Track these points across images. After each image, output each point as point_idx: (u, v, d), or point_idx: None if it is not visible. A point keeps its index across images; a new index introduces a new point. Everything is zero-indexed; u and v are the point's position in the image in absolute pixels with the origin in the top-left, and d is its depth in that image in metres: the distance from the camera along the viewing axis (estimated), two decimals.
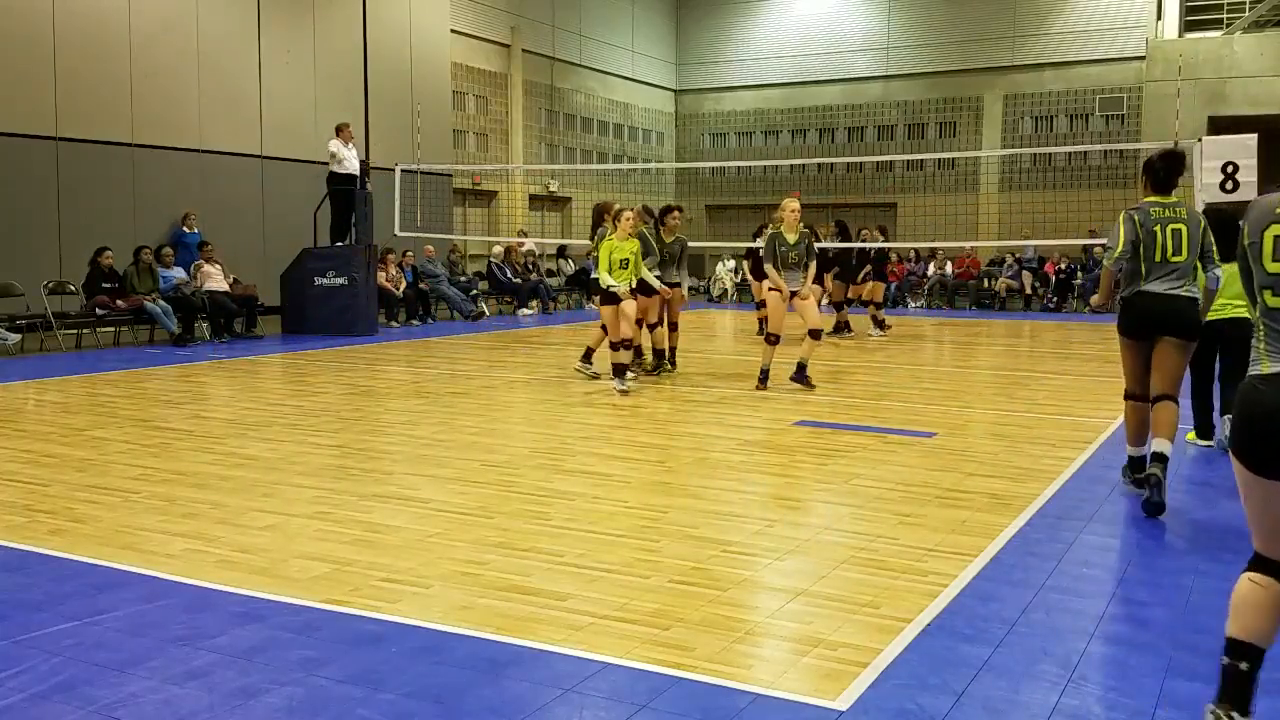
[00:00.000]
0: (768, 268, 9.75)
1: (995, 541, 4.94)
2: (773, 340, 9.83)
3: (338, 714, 3.17)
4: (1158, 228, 5.69)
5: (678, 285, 10.89)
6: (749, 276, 15.85)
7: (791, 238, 9.69)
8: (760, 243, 16.16)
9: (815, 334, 9.73)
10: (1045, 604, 4.14)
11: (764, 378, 9.83)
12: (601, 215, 10.79)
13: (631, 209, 9.84)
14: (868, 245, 16.04)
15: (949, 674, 3.46)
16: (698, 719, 3.14)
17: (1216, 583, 4.41)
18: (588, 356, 10.64)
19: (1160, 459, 5.55)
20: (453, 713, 3.18)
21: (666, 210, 11.29)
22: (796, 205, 9.75)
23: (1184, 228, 5.71)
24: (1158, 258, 5.68)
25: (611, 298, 9.67)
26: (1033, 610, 4.07)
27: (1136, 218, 5.74)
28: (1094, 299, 6.33)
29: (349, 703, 3.24)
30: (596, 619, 3.92)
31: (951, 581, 4.36)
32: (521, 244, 21.56)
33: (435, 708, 3.21)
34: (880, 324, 15.82)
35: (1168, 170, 5.78)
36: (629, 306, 9.66)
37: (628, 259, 9.65)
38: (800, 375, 9.77)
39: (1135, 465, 5.98)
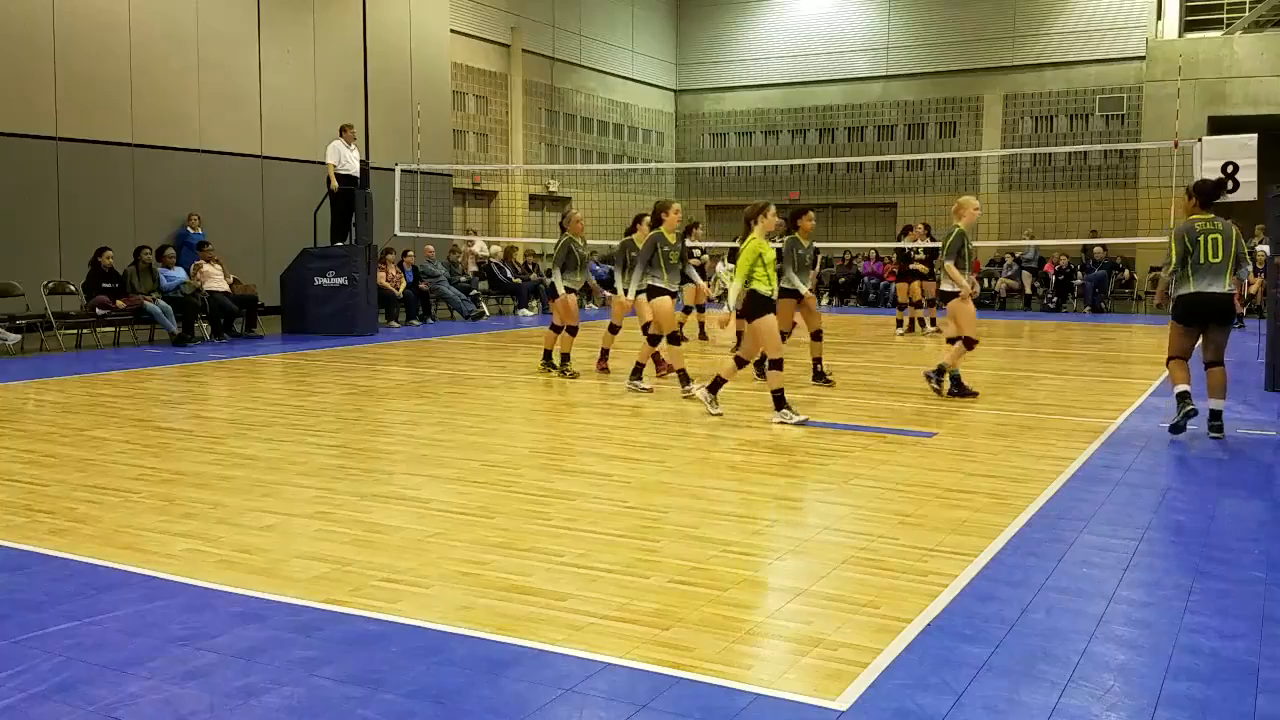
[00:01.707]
0: (949, 266, 9.00)
1: (995, 541, 4.95)
2: (971, 345, 9.22)
3: (338, 714, 3.17)
4: (1201, 238, 7.54)
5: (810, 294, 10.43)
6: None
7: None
8: (691, 243, 15.95)
9: (970, 342, 9.25)
10: (1045, 604, 4.14)
11: (958, 383, 9.25)
12: (660, 214, 9.68)
13: (770, 205, 8.47)
14: (917, 245, 16.21)
15: (949, 674, 3.46)
16: (698, 719, 3.14)
17: (1216, 583, 4.42)
18: (685, 378, 9.50)
19: (1218, 414, 7.57)
20: (453, 713, 3.18)
21: (801, 212, 10.32)
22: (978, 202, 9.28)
23: (1220, 238, 7.55)
24: (1201, 261, 7.52)
25: (766, 305, 8.19)
26: (1033, 610, 4.07)
27: (1185, 236, 7.58)
28: (1156, 300, 8.24)
29: (349, 703, 3.24)
30: (596, 619, 3.92)
31: (951, 581, 4.37)
32: (470, 243, 20.78)
33: (435, 708, 3.21)
34: (932, 322, 16.03)
35: (1216, 193, 7.87)
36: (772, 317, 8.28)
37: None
38: (957, 385, 9.34)
39: (1184, 396, 7.60)
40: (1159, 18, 25.28)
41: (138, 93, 16.11)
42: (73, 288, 14.26)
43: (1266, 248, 13.95)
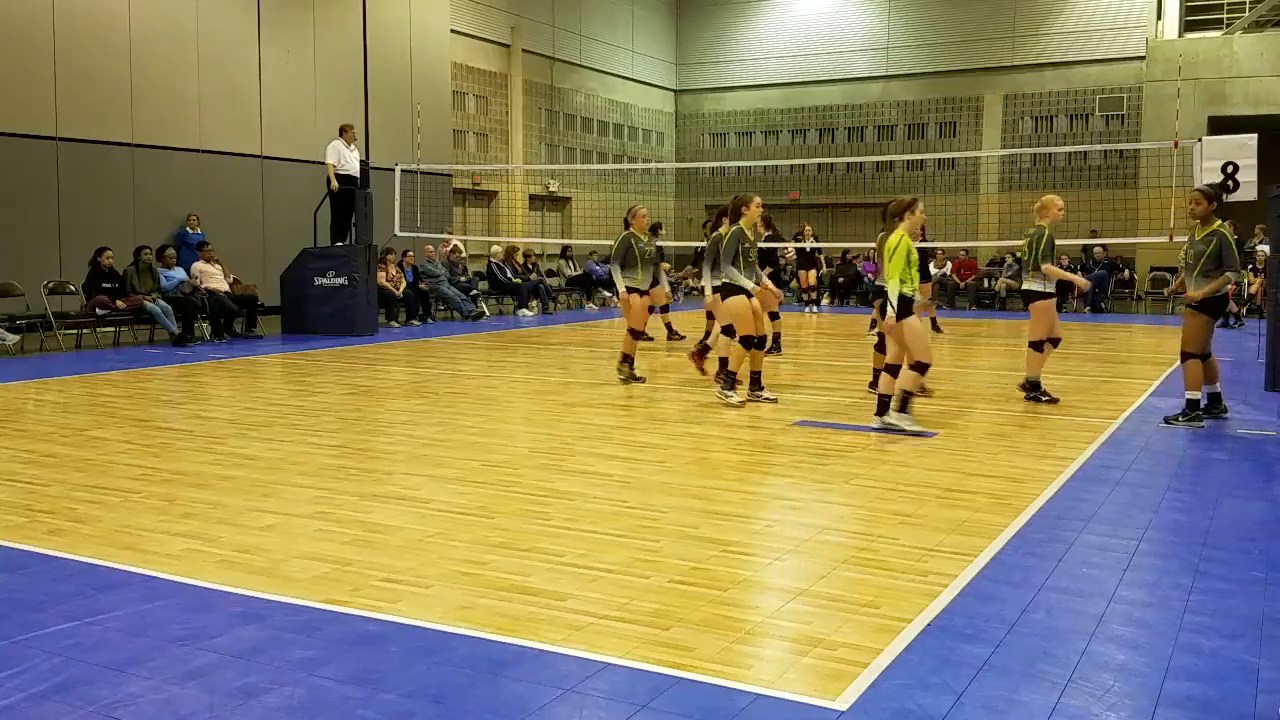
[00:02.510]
0: (1047, 268, 9.03)
1: (995, 541, 4.95)
2: (1056, 343, 9.16)
3: (338, 714, 3.17)
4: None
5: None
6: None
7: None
8: (659, 243, 15.25)
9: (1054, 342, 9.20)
10: (1045, 604, 4.14)
11: (1037, 387, 9.13)
12: (740, 209, 9.15)
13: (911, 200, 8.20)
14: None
15: (949, 674, 3.46)
16: (698, 719, 3.14)
17: (1215, 583, 4.42)
18: (756, 383, 9.19)
19: (1219, 396, 8.34)
20: (453, 713, 3.18)
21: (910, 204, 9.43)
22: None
23: (1232, 240, 7.96)
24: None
25: (910, 306, 7.83)
26: (1033, 610, 4.07)
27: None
28: (1198, 294, 8.09)
29: (349, 703, 3.24)
30: (596, 619, 3.92)
31: (951, 581, 4.37)
32: (447, 243, 19.92)
33: (435, 708, 3.21)
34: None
35: None
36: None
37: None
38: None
39: (1197, 405, 8.14)
40: (1159, 18, 25.28)
41: (138, 93, 16.12)
42: (73, 288, 14.26)
43: (1266, 248, 13.95)
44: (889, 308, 7.81)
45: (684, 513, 5.46)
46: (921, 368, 7.80)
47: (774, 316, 13.46)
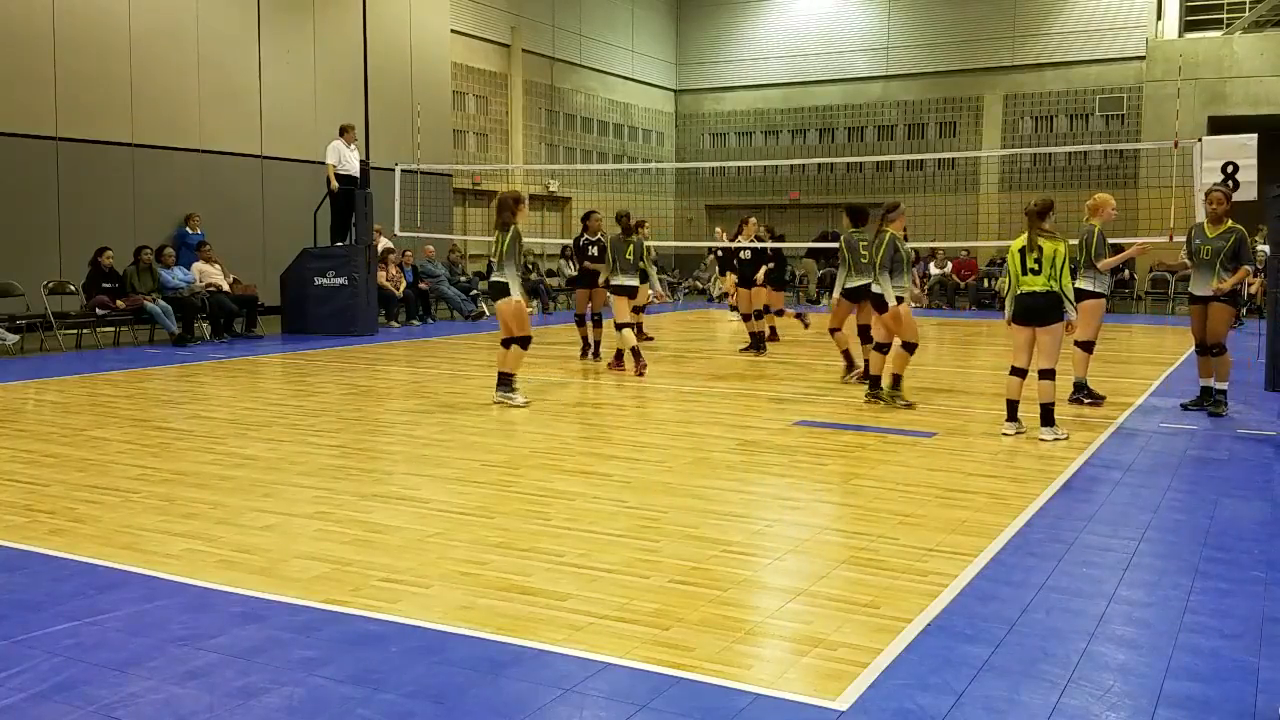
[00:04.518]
0: (1104, 263, 8.95)
1: (995, 541, 4.95)
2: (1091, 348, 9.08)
3: (338, 714, 3.17)
4: None
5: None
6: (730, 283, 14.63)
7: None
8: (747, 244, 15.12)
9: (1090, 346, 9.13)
10: (1045, 604, 4.14)
11: (1083, 388, 9.12)
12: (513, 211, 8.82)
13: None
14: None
15: (949, 674, 3.46)
16: (698, 719, 3.14)
17: (1215, 583, 4.42)
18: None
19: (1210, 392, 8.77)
20: (453, 713, 3.18)
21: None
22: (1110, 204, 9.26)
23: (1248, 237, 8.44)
24: None
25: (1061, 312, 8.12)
26: (1033, 610, 4.07)
27: None
28: (1226, 284, 8.45)
29: (349, 703, 3.24)
30: (596, 619, 3.92)
31: (951, 581, 4.37)
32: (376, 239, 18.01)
33: (435, 708, 3.21)
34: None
35: None
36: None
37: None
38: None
39: (1224, 394, 8.69)
40: (1159, 18, 25.28)
41: (138, 93, 16.11)
42: (73, 288, 14.26)
43: (1266, 248, 13.95)
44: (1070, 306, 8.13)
45: (684, 513, 5.47)
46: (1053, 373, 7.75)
47: (759, 315, 13.47)
